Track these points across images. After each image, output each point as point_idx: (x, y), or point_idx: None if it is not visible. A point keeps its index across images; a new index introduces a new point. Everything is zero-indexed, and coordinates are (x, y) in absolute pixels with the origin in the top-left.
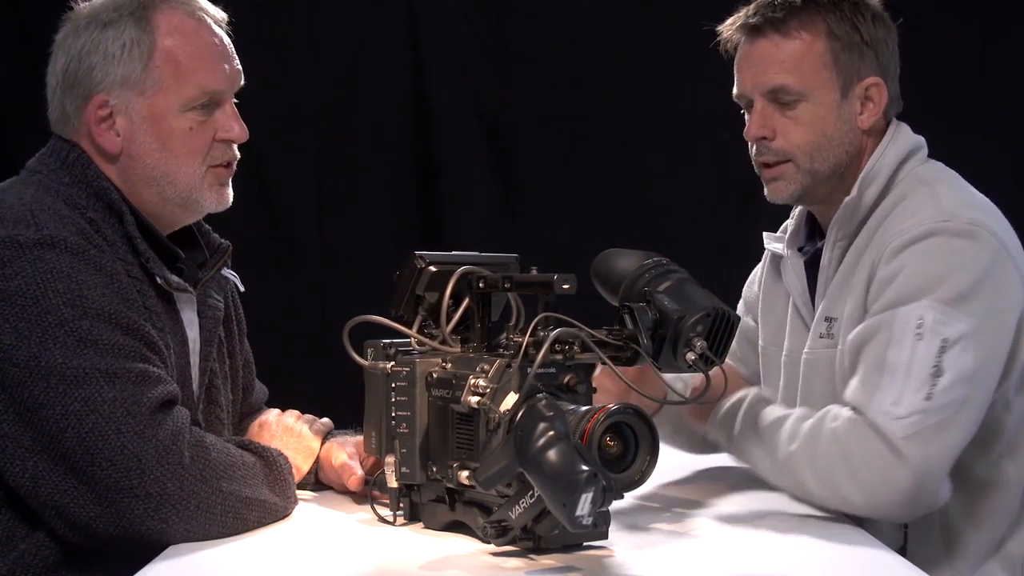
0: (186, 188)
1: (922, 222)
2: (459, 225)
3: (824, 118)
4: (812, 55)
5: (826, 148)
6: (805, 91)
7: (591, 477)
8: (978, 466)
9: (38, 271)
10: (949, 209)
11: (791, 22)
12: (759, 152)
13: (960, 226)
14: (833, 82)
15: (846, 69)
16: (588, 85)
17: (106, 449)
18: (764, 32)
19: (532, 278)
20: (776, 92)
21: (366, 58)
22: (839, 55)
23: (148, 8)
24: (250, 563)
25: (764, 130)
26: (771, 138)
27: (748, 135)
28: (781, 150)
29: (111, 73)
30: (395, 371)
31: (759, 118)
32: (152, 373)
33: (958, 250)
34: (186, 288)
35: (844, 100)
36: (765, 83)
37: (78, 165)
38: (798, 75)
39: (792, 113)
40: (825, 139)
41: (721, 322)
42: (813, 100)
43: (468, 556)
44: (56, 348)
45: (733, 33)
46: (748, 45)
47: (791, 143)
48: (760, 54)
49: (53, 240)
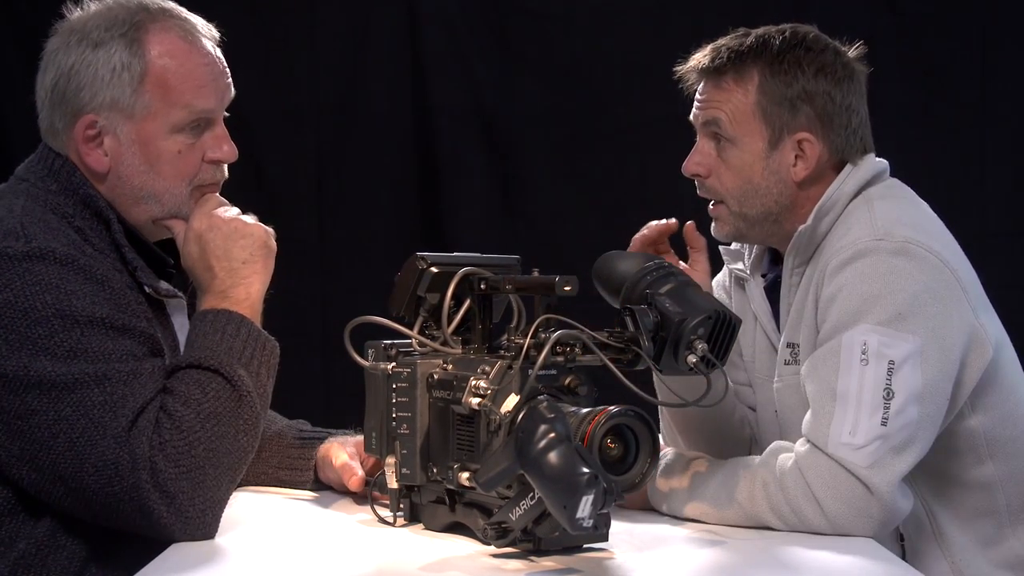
0: (173, 208)
1: (856, 241)
2: (459, 225)
3: (752, 166)
4: (743, 105)
5: (753, 195)
6: (734, 136)
7: (592, 479)
8: (963, 471)
9: (27, 283)
10: (883, 227)
11: (728, 72)
12: (698, 187)
13: (894, 244)
14: (761, 132)
15: (774, 122)
16: (588, 85)
17: (92, 455)
18: (708, 75)
19: (533, 280)
20: (710, 124)
21: (366, 58)
22: (767, 108)
23: (140, 30)
24: (250, 563)
25: (700, 167)
26: (705, 176)
27: (685, 168)
28: (713, 190)
29: (100, 95)
30: (396, 372)
31: (696, 155)
32: (143, 371)
33: (893, 268)
34: (176, 293)
35: (773, 151)
36: (702, 116)
37: (64, 172)
38: (731, 118)
39: (724, 156)
40: (751, 187)
41: (722, 325)
42: (740, 147)
43: (468, 557)
44: (46, 359)
45: (688, 69)
46: (699, 83)
47: (721, 186)
48: (705, 91)
49: (42, 252)
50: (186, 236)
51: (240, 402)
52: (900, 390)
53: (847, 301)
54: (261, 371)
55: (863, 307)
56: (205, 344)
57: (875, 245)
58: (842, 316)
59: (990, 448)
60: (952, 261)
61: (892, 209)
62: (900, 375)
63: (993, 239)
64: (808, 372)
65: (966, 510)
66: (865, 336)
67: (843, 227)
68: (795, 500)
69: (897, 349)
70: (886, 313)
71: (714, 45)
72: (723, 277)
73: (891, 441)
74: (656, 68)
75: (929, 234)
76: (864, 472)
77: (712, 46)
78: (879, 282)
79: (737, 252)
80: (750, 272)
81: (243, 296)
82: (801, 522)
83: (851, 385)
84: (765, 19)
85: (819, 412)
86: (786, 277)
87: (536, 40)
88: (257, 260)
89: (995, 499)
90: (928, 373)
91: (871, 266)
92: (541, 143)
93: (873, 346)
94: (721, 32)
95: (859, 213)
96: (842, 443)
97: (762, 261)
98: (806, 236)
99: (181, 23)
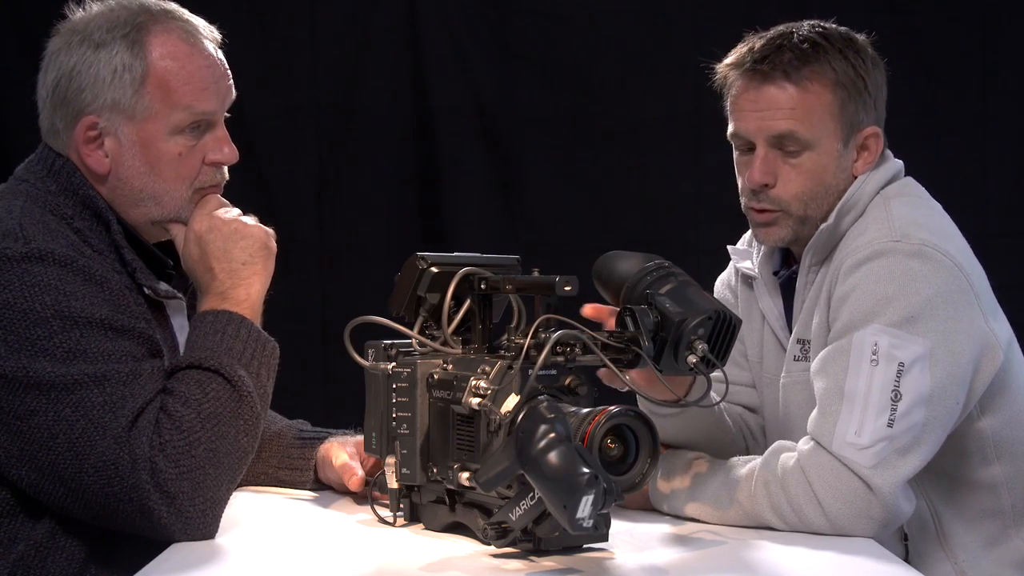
0: (173, 210)
1: (872, 242)
2: (459, 225)
3: (826, 167)
4: (821, 105)
5: (822, 196)
6: (812, 140)
7: (592, 479)
8: (970, 472)
9: (26, 284)
10: (900, 229)
11: (803, 70)
12: (756, 199)
13: (910, 246)
14: (837, 132)
15: (850, 120)
16: (588, 85)
17: (92, 455)
18: (773, 78)
19: (533, 280)
20: (782, 138)
21: (366, 58)
22: (845, 105)
23: (142, 31)
24: (250, 563)
25: (768, 177)
26: (772, 185)
27: (752, 181)
28: (778, 199)
29: (101, 96)
30: (396, 372)
31: (763, 164)
32: (142, 371)
33: (909, 271)
34: (175, 295)
35: (845, 149)
36: (772, 128)
37: (64, 173)
38: (807, 124)
39: (795, 161)
40: (822, 187)
41: (722, 325)
42: (818, 149)
43: (468, 557)
44: (46, 360)
45: (734, 73)
46: (754, 90)
47: (789, 192)
48: (768, 100)
49: (41, 253)
50: (186, 237)
51: (240, 402)
52: (908, 392)
53: (860, 301)
54: (261, 372)
55: (876, 307)
56: (205, 345)
57: (892, 246)
58: (854, 315)
59: (997, 449)
60: (966, 265)
61: (909, 210)
62: (909, 377)
63: (993, 239)
64: (817, 369)
65: (971, 511)
66: (876, 337)
67: (860, 226)
68: (796, 499)
69: (907, 351)
70: (898, 315)
71: (762, 46)
72: (728, 275)
73: (896, 443)
74: (656, 68)
75: (945, 237)
76: (867, 473)
77: (760, 46)
78: (894, 283)
79: (745, 251)
80: (759, 271)
81: (243, 297)
82: (802, 522)
83: (859, 385)
84: (765, 19)
85: (826, 410)
86: (802, 275)
87: (536, 40)
88: (257, 261)
89: (1001, 500)
90: (937, 377)
91: (886, 267)
92: (541, 143)
93: (883, 347)
94: (721, 32)
95: (876, 212)
96: (847, 443)
97: (771, 260)
98: (826, 234)
99: (183, 24)
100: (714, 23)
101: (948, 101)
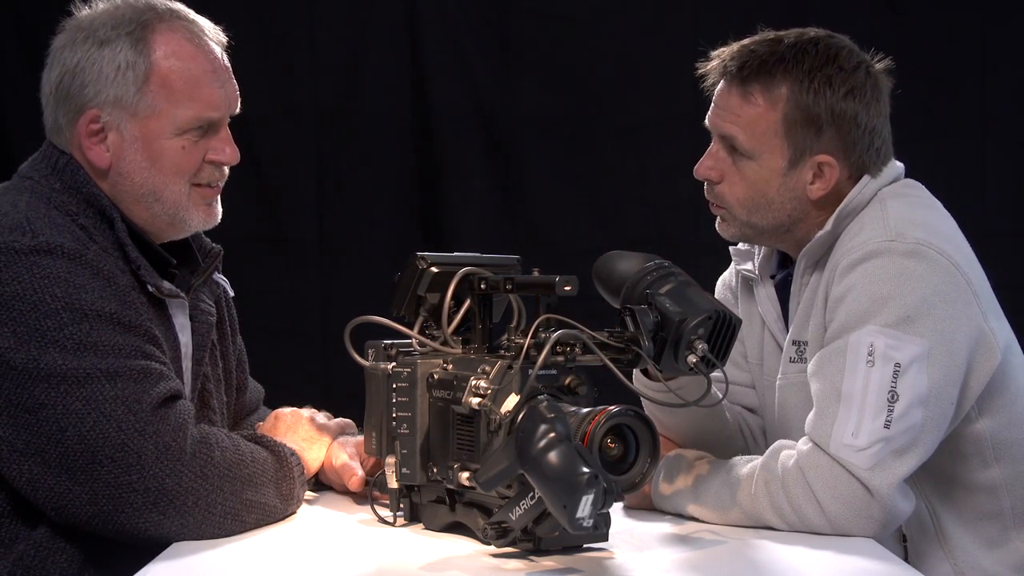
0: (173, 206)
1: (868, 242)
2: (459, 225)
3: (767, 181)
4: (765, 121)
5: (764, 208)
6: (752, 152)
7: (592, 479)
8: (969, 474)
9: (35, 276)
10: (895, 228)
11: (754, 83)
12: (708, 191)
13: (905, 246)
14: (783, 150)
15: (798, 142)
16: (588, 85)
17: (107, 447)
18: (733, 80)
19: (534, 279)
20: (729, 140)
21: (366, 58)
22: (792, 127)
23: (146, 29)
24: (251, 563)
25: (712, 172)
26: (716, 181)
27: (696, 171)
28: (722, 198)
29: (104, 92)
30: (396, 372)
31: (709, 159)
32: (154, 369)
33: (904, 270)
34: (178, 294)
35: (792, 169)
36: (719, 127)
37: (68, 171)
38: (748, 134)
39: (740, 165)
40: (764, 200)
41: (722, 325)
42: (759, 161)
43: (468, 557)
44: (56, 351)
45: (717, 63)
46: (721, 86)
47: (732, 194)
48: (723, 99)
49: (49, 246)
50: None
51: (280, 464)
52: (905, 393)
53: (856, 301)
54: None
55: (872, 308)
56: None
57: (887, 246)
58: (850, 316)
59: (996, 451)
60: (964, 264)
61: (905, 209)
62: (906, 378)
63: (993, 239)
64: (814, 371)
65: (971, 512)
66: (872, 338)
67: (856, 226)
68: (796, 499)
69: (904, 352)
70: (894, 315)
71: (742, 46)
72: (729, 276)
73: (893, 444)
74: (656, 68)
75: (942, 236)
76: (865, 474)
77: (739, 46)
78: (889, 284)
79: (747, 252)
80: (759, 273)
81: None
82: (802, 521)
83: (856, 386)
84: (765, 19)
85: (823, 412)
86: (797, 277)
87: (536, 40)
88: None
89: (1000, 502)
90: (934, 377)
91: (882, 267)
92: (541, 143)
93: (880, 348)
94: (721, 32)
95: (872, 213)
96: (844, 444)
97: (770, 262)
98: (822, 241)
99: (188, 25)
100: (714, 23)
101: (948, 101)
